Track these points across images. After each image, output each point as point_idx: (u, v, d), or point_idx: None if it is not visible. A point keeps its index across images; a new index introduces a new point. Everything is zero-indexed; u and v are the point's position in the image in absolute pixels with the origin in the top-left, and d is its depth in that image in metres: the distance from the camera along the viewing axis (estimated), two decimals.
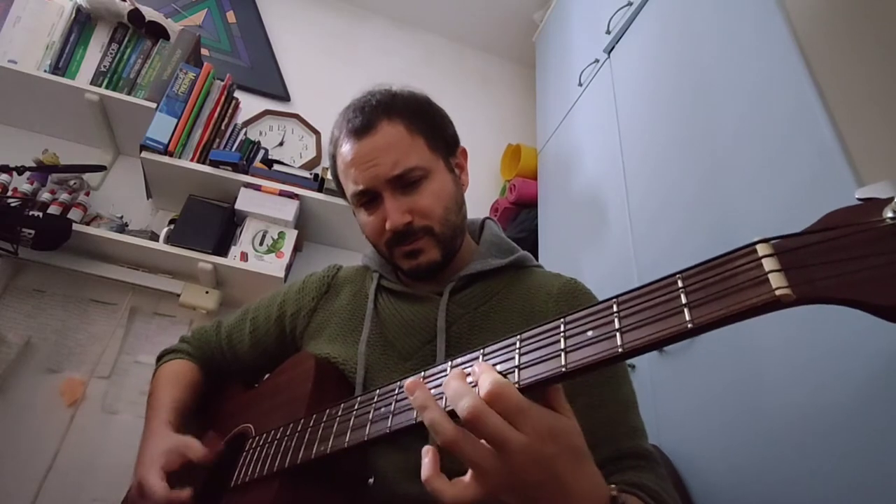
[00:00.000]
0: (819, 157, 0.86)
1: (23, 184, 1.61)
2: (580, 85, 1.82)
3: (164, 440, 0.77)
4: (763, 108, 1.01)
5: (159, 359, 0.99)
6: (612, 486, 0.48)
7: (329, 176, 1.80)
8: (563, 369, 0.41)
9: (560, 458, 0.43)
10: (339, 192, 0.88)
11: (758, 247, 0.35)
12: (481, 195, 2.29)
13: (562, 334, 0.43)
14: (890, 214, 0.32)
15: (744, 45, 1.10)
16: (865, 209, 0.34)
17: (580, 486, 0.44)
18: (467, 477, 0.45)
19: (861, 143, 0.83)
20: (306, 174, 1.87)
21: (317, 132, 2.17)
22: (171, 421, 0.82)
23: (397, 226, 0.77)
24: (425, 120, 0.82)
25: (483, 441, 0.43)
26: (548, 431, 0.43)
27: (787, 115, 0.94)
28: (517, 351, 0.45)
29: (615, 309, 0.41)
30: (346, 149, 0.81)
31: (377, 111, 0.79)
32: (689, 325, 0.36)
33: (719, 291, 0.35)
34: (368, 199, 0.80)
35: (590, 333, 0.41)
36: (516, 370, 0.44)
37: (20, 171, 1.51)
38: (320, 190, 1.82)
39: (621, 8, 1.60)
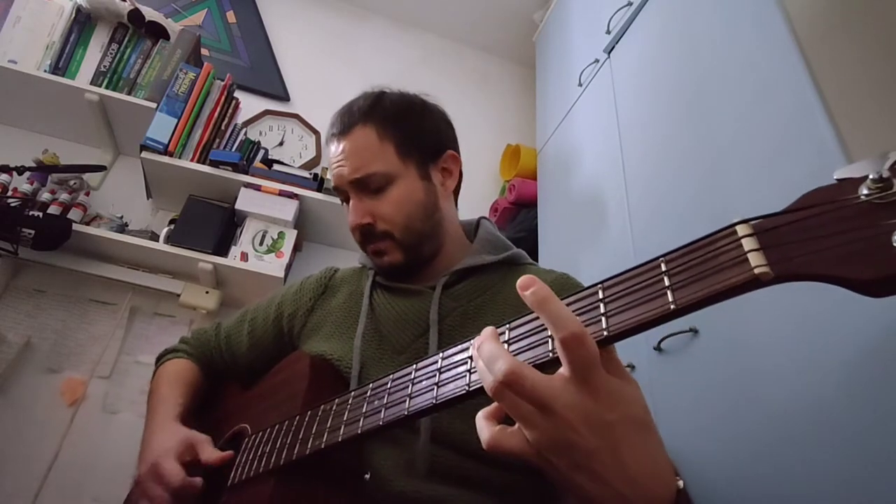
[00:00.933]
0: (818, 157, 0.85)
1: (23, 184, 1.61)
2: (580, 85, 1.82)
3: (177, 432, 0.77)
4: (763, 108, 1.01)
5: (159, 359, 0.99)
6: (679, 478, 0.43)
7: (329, 176, 1.81)
8: (551, 355, 0.42)
9: (620, 426, 0.39)
10: None
11: (738, 227, 0.36)
12: (481, 195, 2.29)
13: None
14: (865, 192, 0.33)
15: (744, 45, 1.10)
16: (842, 188, 0.34)
17: (641, 464, 0.40)
18: (515, 427, 0.42)
19: (860, 143, 0.83)
20: (306, 174, 1.87)
21: (316, 132, 2.17)
22: (179, 416, 0.83)
23: (354, 226, 0.83)
24: (402, 126, 0.85)
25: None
26: (608, 395, 0.39)
27: (787, 114, 0.94)
28: (505, 341, 0.46)
29: (601, 295, 0.41)
30: (330, 147, 0.87)
31: (355, 115, 0.84)
32: (672, 307, 0.36)
33: (701, 272, 0.36)
34: (344, 196, 0.86)
35: None
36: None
37: (20, 171, 1.51)
38: (320, 190, 1.83)
39: (621, 8, 1.60)
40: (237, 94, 1.90)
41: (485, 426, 0.43)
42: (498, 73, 2.74)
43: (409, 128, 0.85)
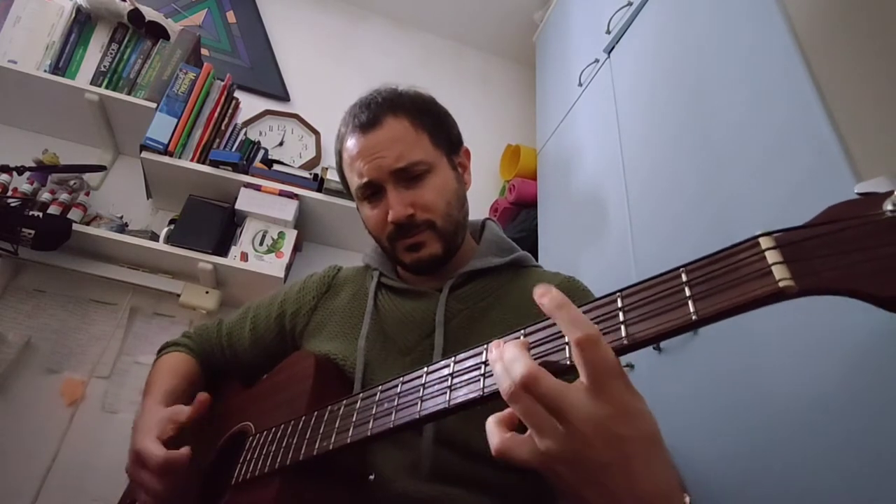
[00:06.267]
0: (818, 157, 0.86)
1: (23, 184, 1.61)
2: (580, 85, 1.82)
3: (155, 413, 0.77)
4: (762, 108, 1.01)
5: (160, 351, 0.99)
6: (686, 494, 0.42)
7: (329, 176, 1.81)
8: (568, 362, 0.41)
9: (634, 442, 0.38)
10: (344, 188, 0.90)
11: (760, 240, 0.36)
12: (481, 195, 2.29)
13: None
14: (890, 207, 0.33)
15: (744, 45, 1.10)
16: (865, 203, 0.34)
17: (651, 481, 0.39)
18: (526, 434, 0.41)
19: (859, 142, 0.83)
20: (306, 174, 1.87)
21: (317, 132, 2.17)
22: (163, 401, 0.81)
23: (399, 218, 0.78)
24: (430, 117, 0.84)
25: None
26: (625, 409, 0.38)
27: (787, 113, 0.95)
28: None
29: (620, 303, 0.41)
30: (352, 143, 0.83)
31: (383, 107, 0.82)
32: (694, 318, 0.36)
33: (723, 284, 0.36)
34: (372, 192, 0.82)
35: None
36: None
37: (20, 171, 1.51)
38: (320, 190, 1.82)
39: (621, 8, 1.60)
40: (237, 94, 1.90)
41: (495, 432, 0.42)
42: (498, 73, 2.74)
43: (434, 119, 0.85)
